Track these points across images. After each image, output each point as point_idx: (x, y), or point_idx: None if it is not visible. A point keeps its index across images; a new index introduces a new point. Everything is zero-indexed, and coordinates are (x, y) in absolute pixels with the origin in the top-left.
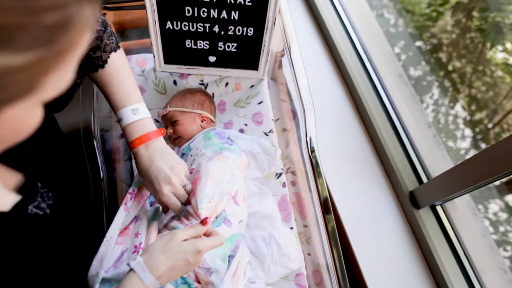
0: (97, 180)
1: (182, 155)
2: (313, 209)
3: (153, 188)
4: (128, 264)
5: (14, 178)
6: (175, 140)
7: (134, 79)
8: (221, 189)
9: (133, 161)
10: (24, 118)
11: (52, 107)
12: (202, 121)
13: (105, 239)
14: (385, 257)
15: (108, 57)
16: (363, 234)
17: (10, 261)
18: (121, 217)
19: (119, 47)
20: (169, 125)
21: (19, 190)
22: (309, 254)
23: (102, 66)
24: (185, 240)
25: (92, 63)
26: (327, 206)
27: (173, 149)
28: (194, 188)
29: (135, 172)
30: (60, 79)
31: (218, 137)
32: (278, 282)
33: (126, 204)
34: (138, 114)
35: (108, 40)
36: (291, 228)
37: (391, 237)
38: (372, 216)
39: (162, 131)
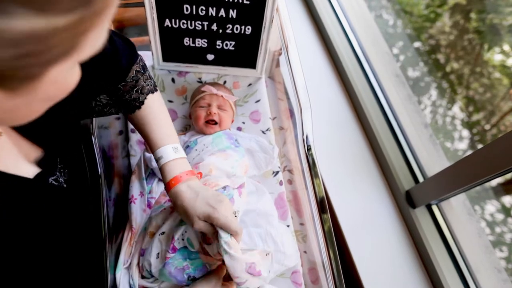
0: (95, 176)
1: (186, 147)
2: (309, 207)
3: (206, 214)
4: None
5: (35, 152)
6: (210, 125)
7: (171, 121)
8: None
9: (131, 157)
10: (65, 77)
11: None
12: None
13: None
14: (380, 256)
15: (145, 98)
16: (359, 233)
17: (30, 227)
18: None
19: (156, 90)
20: (213, 106)
21: (39, 163)
22: (305, 252)
23: (139, 107)
24: None
25: (130, 104)
26: (324, 206)
27: (187, 141)
28: None
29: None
30: (96, 38)
31: (227, 137)
32: (274, 280)
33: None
34: (178, 153)
35: (145, 82)
36: (288, 226)
37: (387, 235)
38: (368, 214)
39: (199, 175)
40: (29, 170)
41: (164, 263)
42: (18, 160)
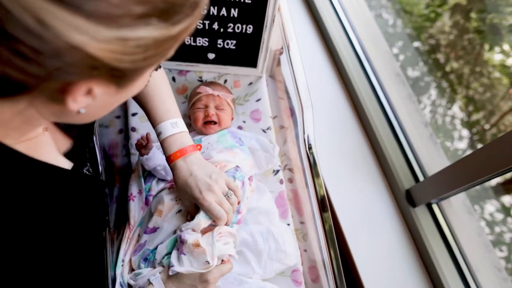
0: (95, 174)
1: None
2: (310, 206)
3: (194, 197)
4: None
5: (66, 143)
6: (209, 124)
7: (173, 96)
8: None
9: (131, 156)
10: (148, 76)
11: None
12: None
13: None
14: (381, 255)
15: (150, 75)
16: (359, 231)
17: (67, 216)
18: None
19: (160, 67)
20: (210, 107)
21: (68, 155)
22: (305, 251)
23: None
24: None
25: None
26: (324, 204)
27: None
28: None
29: (133, 213)
30: (176, 46)
31: (231, 136)
32: (275, 278)
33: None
34: (176, 128)
35: None
36: (288, 224)
37: (387, 234)
38: (368, 213)
39: (199, 147)
40: (65, 162)
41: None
42: (56, 152)
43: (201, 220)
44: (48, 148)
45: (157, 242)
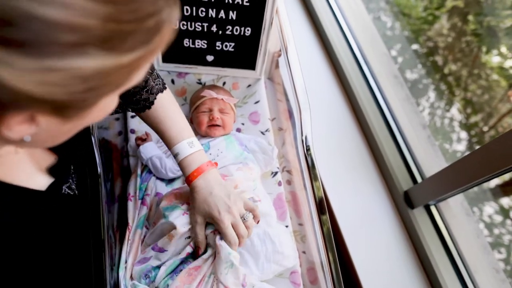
0: (94, 176)
1: None
2: (308, 208)
3: (212, 216)
4: None
5: (49, 158)
6: (214, 127)
7: (183, 115)
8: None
9: (130, 158)
10: (109, 104)
11: None
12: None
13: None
14: (379, 256)
15: (155, 98)
16: (357, 233)
17: (43, 238)
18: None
19: (165, 88)
20: (214, 111)
21: (52, 170)
22: (304, 252)
23: (149, 107)
24: None
25: (139, 103)
26: (323, 207)
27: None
28: None
29: (129, 217)
30: (145, 70)
31: (238, 143)
32: (273, 280)
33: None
34: (193, 147)
35: (154, 82)
36: (287, 226)
37: (386, 236)
38: (367, 215)
39: (216, 163)
40: (42, 180)
41: None
42: (32, 170)
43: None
44: (21, 167)
45: (161, 261)
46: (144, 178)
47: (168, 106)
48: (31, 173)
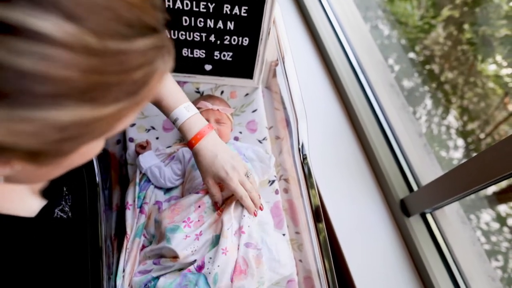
0: (92, 185)
1: None
2: (305, 216)
3: (220, 177)
4: None
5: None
6: None
7: (175, 81)
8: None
9: (129, 166)
10: (91, 150)
11: None
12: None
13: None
14: (376, 264)
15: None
16: (354, 241)
17: (35, 263)
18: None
19: None
20: (211, 122)
21: (45, 193)
22: (300, 261)
23: None
24: None
25: None
26: (319, 215)
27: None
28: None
29: (128, 223)
30: (131, 120)
31: (238, 152)
32: None
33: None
34: (191, 111)
35: None
36: (284, 234)
37: (382, 244)
38: (363, 223)
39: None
40: (35, 204)
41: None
42: (24, 194)
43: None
44: (12, 193)
45: (162, 273)
46: (142, 186)
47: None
48: (23, 197)
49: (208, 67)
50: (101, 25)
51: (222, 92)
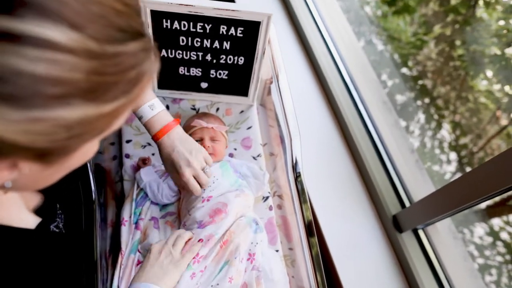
0: (88, 202)
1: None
2: (298, 232)
3: (176, 172)
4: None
5: (35, 199)
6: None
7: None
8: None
9: (125, 182)
10: (90, 149)
11: None
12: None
13: None
14: (368, 279)
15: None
16: (347, 256)
17: (33, 275)
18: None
19: None
20: (206, 139)
21: (39, 210)
22: (293, 277)
23: None
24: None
25: None
26: (311, 229)
27: None
28: (218, 219)
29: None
30: (125, 117)
31: (233, 170)
32: None
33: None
34: (155, 109)
35: None
36: (277, 250)
37: (375, 259)
38: (356, 238)
39: (178, 119)
40: (31, 220)
41: None
42: (21, 210)
43: None
44: (11, 207)
45: None
46: (139, 202)
47: None
48: (21, 212)
49: (204, 85)
50: (99, 31)
51: (217, 109)
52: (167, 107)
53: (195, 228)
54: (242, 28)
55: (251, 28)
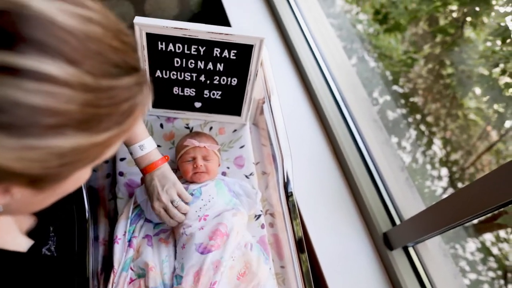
0: (82, 220)
1: (191, 195)
2: (289, 249)
3: (151, 204)
4: None
5: (28, 221)
6: (199, 174)
7: (141, 121)
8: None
9: (118, 200)
10: (81, 176)
11: None
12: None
13: None
14: None
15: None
16: (338, 274)
17: None
18: None
19: None
20: (198, 158)
21: (32, 233)
22: None
23: None
24: None
25: None
26: (302, 246)
27: (186, 188)
28: (220, 242)
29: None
30: (118, 146)
31: (227, 189)
32: None
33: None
34: (144, 150)
35: None
36: (270, 269)
37: (365, 277)
38: (347, 256)
39: (166, 158)
40: (23, 242)
41: None
42: (15, 232)
43: None
44: (4, 230)
45: None
46: (132, 220)
47: None
48: (14, 235)
49: (197, 104)
50: (96, 67)
51: (211, 128)
52: (161, 125)
53: (194, 250)
54: (235, 51)
55: (244, 51)
